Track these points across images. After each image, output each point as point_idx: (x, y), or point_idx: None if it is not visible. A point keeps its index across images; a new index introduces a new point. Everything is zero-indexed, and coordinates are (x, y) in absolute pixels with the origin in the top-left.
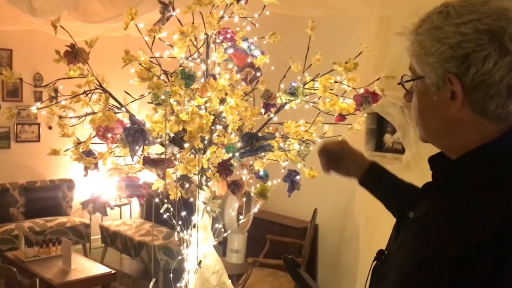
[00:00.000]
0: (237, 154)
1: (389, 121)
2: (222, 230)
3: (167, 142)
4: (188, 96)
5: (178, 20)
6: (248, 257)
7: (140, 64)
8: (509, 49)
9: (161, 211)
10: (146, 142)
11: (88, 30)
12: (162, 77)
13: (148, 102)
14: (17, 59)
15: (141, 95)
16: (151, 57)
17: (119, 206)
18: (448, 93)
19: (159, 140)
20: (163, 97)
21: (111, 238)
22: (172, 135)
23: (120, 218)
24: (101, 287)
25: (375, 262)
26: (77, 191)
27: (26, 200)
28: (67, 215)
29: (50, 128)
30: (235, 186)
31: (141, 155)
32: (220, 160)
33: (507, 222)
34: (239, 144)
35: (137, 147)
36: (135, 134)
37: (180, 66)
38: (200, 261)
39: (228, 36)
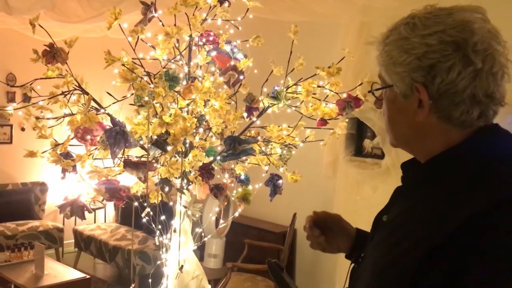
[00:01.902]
0: (218, 157)
1: (369, 126)
2: (202, 234)
3: (149, 145)
4: (172, 98)
5: (160, 21)
6: (226, 262)
7: (123, 65)
8: (472, 59)
9: (143, 215)
10: (127, 144)
11: (64, 30)
12: (146, 78)
13: (130, 104)
14: None
15: (123, 97)
16: (133, 58)
17: (94, 210)
18: (415, 101)
19: (141, 142)
20: (146, 98)
21: (85, 242)
22: (154, 137)
23: (95, 222)
24: None
25: (353, 264)
26: (50, 195)
27: None
28: (39, 219)
29: (23, 129)
30: (217, 190)
31: (121, 157)
32: (201, 164)
33: (469, 218)
34: (219, 148)
35: (118, 150)
36: (117, 136)
37: (163, 67)
38: (182, 266)
39: (211, 38)
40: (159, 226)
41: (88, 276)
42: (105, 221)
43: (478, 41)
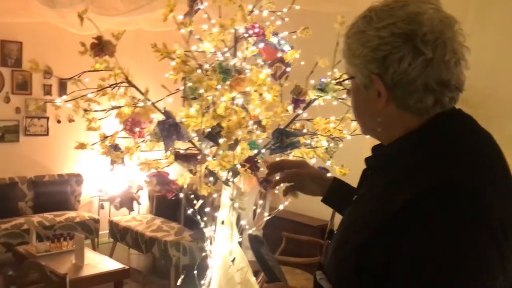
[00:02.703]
0: (263, 150)
1: None
2: (246, 227)
3: (202, 137)
4: (224, 91)
5: (206, 13)
6: None
7: (177, 57)
8: (422, 50)
9: (197, 207)
10: (179, 137)
11: (98, 23)
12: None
13: (182, 97)
14: (27, 52)
15: (176, 89)
16: (186, 51)
17: None
18: (375, 91)
19: (194, 135)
20: (201, 91)
21: (120, 233)
22: (208, 130)
23: (129, 213)
24: (114, 283)
25: (327, 241)
26: (85, 186)
27: (34, 195)
28: (75, 209)
29: (59, 122)
30: (267, 183)
31: (172, 150)
32: (247, 156)
33: (417, 195)
34: (260, 141)
35: (171, 142)
36: (170, 129)
37: (216, 60)
38: (234, 258)
39: (256, 30)
40: (205, 218)
41: (127, 267)
42: (138, 213)
43: (428, 31)
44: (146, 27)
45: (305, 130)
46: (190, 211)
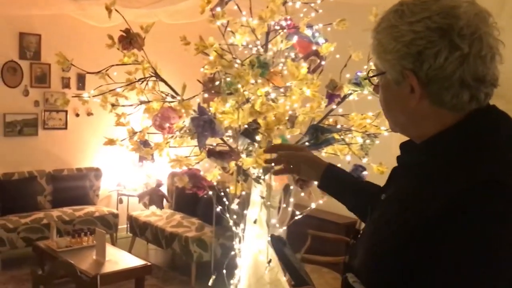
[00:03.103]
0: None
1: None
2: (276, 225)
3: (238, 134)
4: (262, 86)
5: (236, 5)
6: None
7: (214, 51)
8: (458, 44)
9: (233, 205)
10: (214, 133)
11: (117, 15)
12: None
13: (215, 92)
14: (45, 45)
15: (211, 85)
16: (220, 44)
17: None
18: (407, 87)
19: (229, 131)
20: (239, 86)
21: (140, 228)
22: (244, 126)
23: (148, 208)
24: (135, 280)
25: (352, 241)
26: (104, 180)
27: (53, 189)
28: (94, 204)
29: (77, 115)
30: (303, 182)
31: (206, 147)
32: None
33: (450, 199)
34: (288, 136)
35: (205, 139)
36: (204, 125)
37: (252, 54)
38: (270, 260)
39: (288, 22)
40: (234, 216)
41: (149, 263)
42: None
43: (464, 25)
44: (165, 19)
45: (339, 126)
46: (218, 209)
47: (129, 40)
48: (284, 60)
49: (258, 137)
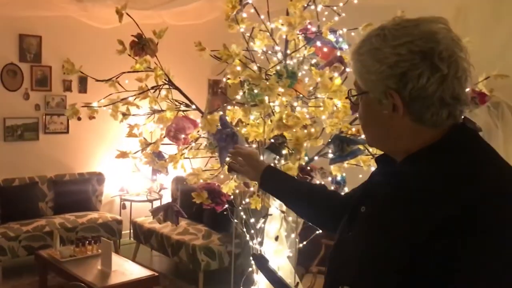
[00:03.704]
0: (316, 158)
1: (474, 121)
2: (297, 240)
3: (263, 148)
4: (290, 97)
5: (254, 8)
6: (298, 263)
7: (236, 59)
8: (439, 66)
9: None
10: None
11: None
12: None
13: (238, 102)
14: (46, 46)
15: (234, 97)
16: (243, 49)
17: (150, 201)
18: (390, 105)
19: (254, 146)
20: (266, 98)
21: (145, 235)
22: (271, 141)
23: (161, 223)
24: None
25: (332, 253)
26: (107, 185)
27: (54, 194)
28: (97, 210)
29: (79, 119)
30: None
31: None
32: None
33: (462, 209)
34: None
35: (226, 153)
36: (227, 139)
37: (280, 62)
38: (298, 283)
39: (309, 27)
40: (251, 231)
41: (156, 274)
42: None
43: (443, 49)
44: (170, 21)
45: (363, 136)
46: (235, 222)
47: (142, 45)
48: (307, 68)
49: (284, 151)
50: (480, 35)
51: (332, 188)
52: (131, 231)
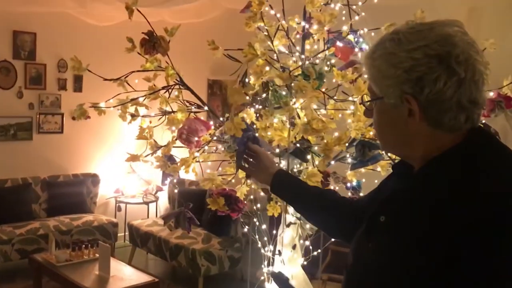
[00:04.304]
0: (332, 162)
1: (490, 125)
2: (310, 248)
3: (287, 153)
4: (316, 99)
5: (269, 5)
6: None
7: (266, 60)
8: (456, 70)
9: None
10: None
11: (118, 13)
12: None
13: (262, 106)
14: (41, 44)
15: (254, 96)
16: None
17: (146, 203)
18: (405, 110)
19: (277, 150)
20: (293, 101)
21: (141, 238)
22: (297, 145)
23: (148, 216)
24: None
25: (348, 268)
26: (102, 187)
27: (48, 196)
28: (91, 212)
29: (73, 118)
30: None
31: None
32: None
33: (488, 212)
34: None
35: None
36: (248, 143)
37: (304, 63)
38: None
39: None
40: (265, 238)
41: (156, 280)
42: (156, 215)
43: (460, 52)
44: (169, 18)
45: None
46: (246, 229)
47: (153, 43)
48: (328, 69)
49: (308, 156)
50: (494, 36)
51: (349, 194)
52: (125, 233)
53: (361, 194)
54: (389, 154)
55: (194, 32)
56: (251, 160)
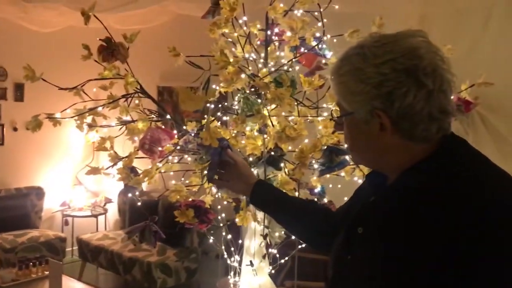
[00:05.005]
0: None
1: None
2: (277, 256)
3: (260, 162)
4: (289, 106)
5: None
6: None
7: (234, 65)
8: (424, 82)
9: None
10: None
11: (63, 19)
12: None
13: (229, 113)
14: None
15: (228, 105)
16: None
17: (95, 216)
18: (377, 125)
19: (250, 159)
20: (269, 108)
21: (92, 253)
22: (270, 153)
23: (97, 229)
24: None
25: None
26: (47, 200)
27: None
28: (36, 227)
29: (15, 129)
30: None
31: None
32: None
33: (471, 217)
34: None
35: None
36: (222, 153)
37: (277, 69)
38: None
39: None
40: (231, 248)
41: None
42: (105, 228)
43: (427, 64)
44: (115, 25)
45: (346, 145)
46: (211, 240)
47: (111, 50)
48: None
49: (281, 164)
50: (445, 43)
51: (315, 200)
52: (73, 248)
53: (325, 200)
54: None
55: (142, 38)
56: (225, 170)
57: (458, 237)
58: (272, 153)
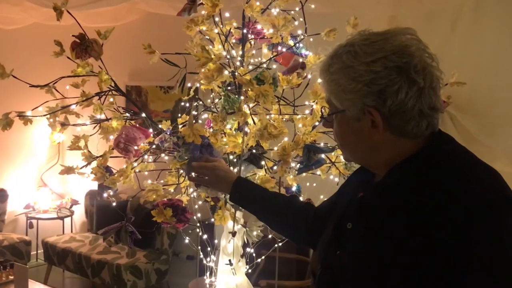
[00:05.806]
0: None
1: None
2: (254, 255)
3: (241, 160)
4: (271, 104)
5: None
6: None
7: (215, 62)
8: (415, 79)
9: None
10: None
11: (26, 16)
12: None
13: (210, 111)
14: None
15: (212, 103)
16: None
17: (61, 218)
18: (368, 122)
19: (231, 157)
20: (250, 106)
21: (58, 256)
22: (252, 151)
23: (63, 232)
24: None
25: (316, 278)
26: (11, 202)
27: None
28: (0, 231)
29: None
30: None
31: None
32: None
33: (463, 212)
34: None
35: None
36: (201, 150)
37: (258, 67)
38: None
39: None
40: (208, 249)
41: None
42: (71, 231)
43: (418, 62)
44: (83, 22)
45: (322, 144)
46: (187, 240)
47: (85, 47)
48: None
49: (263, 163)
50: None
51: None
52: (38, 251)
53: (301, 198)
54: (330, 158)
55: (110, 36)
56: (205, 169)
57: (446, 232)
58: (254, 151)
